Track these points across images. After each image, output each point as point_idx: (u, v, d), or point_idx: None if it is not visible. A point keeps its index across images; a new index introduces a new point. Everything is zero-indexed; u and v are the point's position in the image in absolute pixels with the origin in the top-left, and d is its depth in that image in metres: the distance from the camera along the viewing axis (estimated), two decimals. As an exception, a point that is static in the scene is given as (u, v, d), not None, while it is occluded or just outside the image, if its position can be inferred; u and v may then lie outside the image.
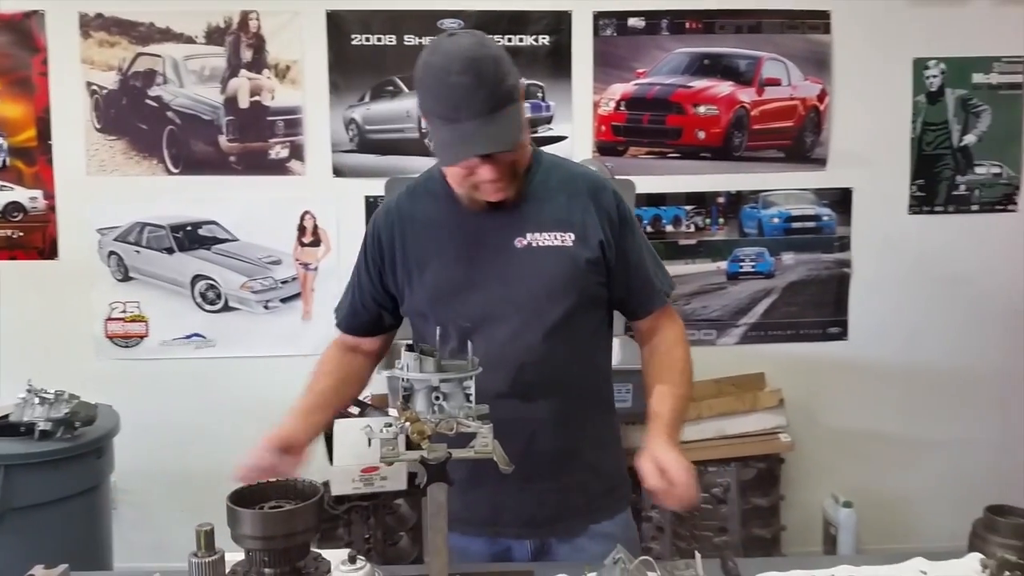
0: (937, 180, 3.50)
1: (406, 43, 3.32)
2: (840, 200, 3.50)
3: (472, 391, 1.35)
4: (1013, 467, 3.53)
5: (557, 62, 3.35)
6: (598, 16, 3.35)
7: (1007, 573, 1.43)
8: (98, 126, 3.28)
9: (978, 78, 3.46)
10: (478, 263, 1.61)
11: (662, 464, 1.49)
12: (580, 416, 1.66)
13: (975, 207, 3.52)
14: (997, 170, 3.51)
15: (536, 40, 3.34)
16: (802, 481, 3.47)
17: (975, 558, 1.50)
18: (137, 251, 3.31)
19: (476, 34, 1.51)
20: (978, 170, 3.50)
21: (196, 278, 3.34)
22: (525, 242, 1.60)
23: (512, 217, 1.61)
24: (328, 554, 1.41)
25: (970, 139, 3.49)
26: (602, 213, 1.64)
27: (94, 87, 3.27)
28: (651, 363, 1.72)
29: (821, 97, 3.44)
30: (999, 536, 1.52)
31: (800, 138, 3.45)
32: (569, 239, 1.61)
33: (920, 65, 3.45)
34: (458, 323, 1.59)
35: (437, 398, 1.35)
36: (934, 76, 3.45)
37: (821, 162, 3.47)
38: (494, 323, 1.59)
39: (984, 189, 3.51)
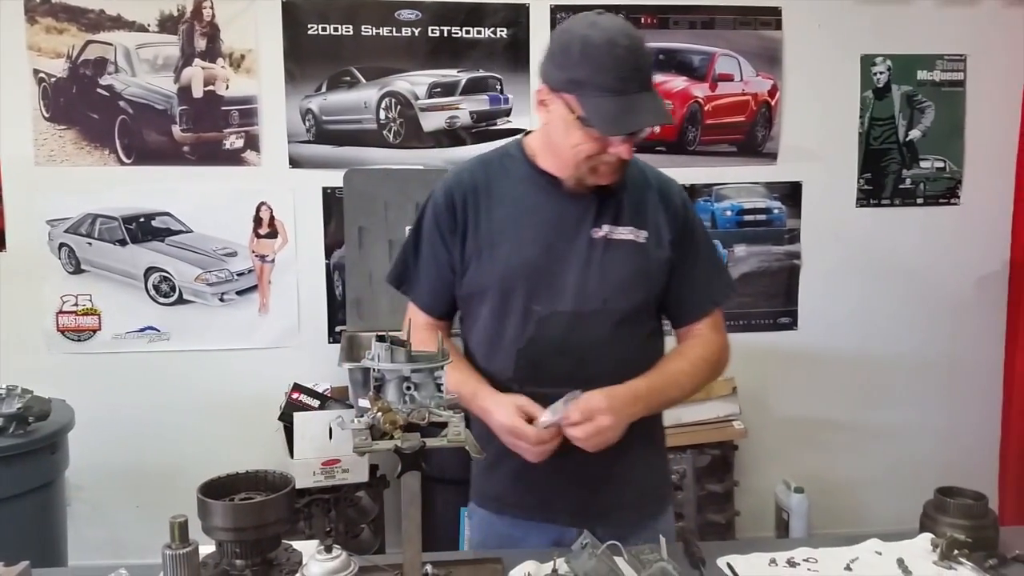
0: (884, 174, 3.60)
1: (363, 33, 3.30)
2: (790, 193, 3.57)
3: (443, 380, 1.37)
4: (959, 451, 3.65)
5: (515, 55, 3.37)
6: (555, 9, 3.37)
7: (956, 551, 1.50)
8: (46, 115, 3.20)
9: (923, 75, 3.56)
10: (554, 249, 1.61)
11: (589, 407, 1.49)
12: None
13: (920, 200, 3.63)
14: (941, 165, 3.62)
15: (494, 33, 3.35)
16: (755, 467, 3.55)
17: (926, 538, 1.57)
18: (89, 243, 3.24)
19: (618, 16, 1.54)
20: (923, 164, 3.61)
21: (150, 270, 3.28)
22: (601, 234, 1.61)
23: (591, 207, 1.62)
24: (300, 545, 1.41)
25: (915, 134, 3.59)
26: (671, 213, 1.66)
27: (42, 75, 3.18)
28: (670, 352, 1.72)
29: (772, 92, 3.51)
30: (949, 516, 1.58)
31: (752, 133, 3.52)
32: (642, 236, 1.63)
33: (868, 62, 3.54)
34: (527, 305, 1.60)
35: (408, 388, 1.36)
36: (881, 72, 3.54)
37: (772, 156, 3.54)
38: (562, 310, 1.60)
39: (929, 183, 3.62)
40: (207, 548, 1.34)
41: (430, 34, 3.32)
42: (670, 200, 1.67)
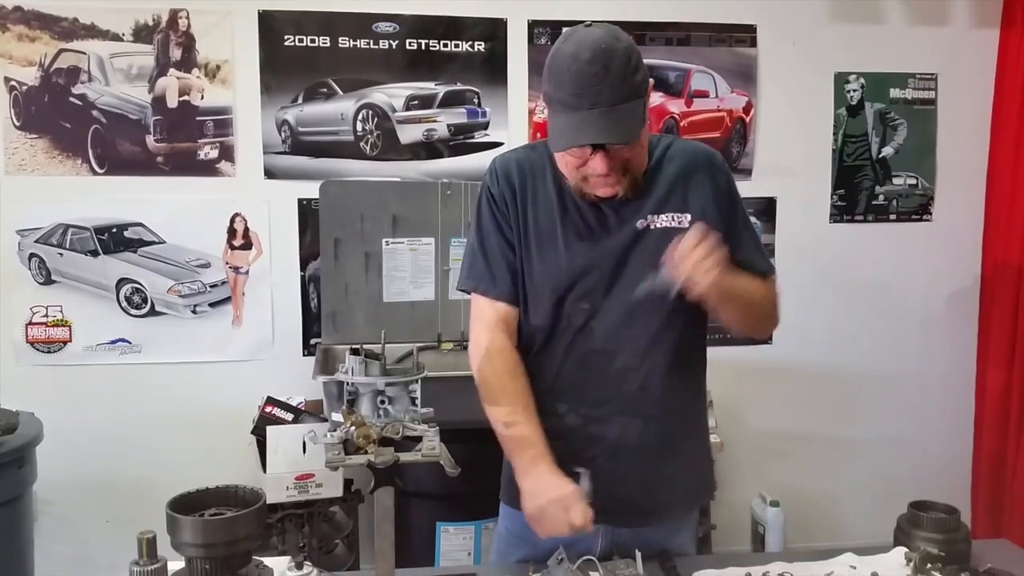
0: (857, 190, 3.63)
1: (340, 45, 3.29)
2: (765, 209, 3.60)
3: (418, 394, 1.36)
4: (932, 465, 3.68)
5: (493, 69, 3.37)
6: (533, 24, 3.38)
7: (930, 565, 1.50)
8: (17, 123, 3.15)
9: (895, 93, 3.61)
10: (600, 247, 1.58)
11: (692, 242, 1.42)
12: (685, 406, 1.66)
13: (893, 216, 3.67)
14: (913, 181, 3.66)
15: (472, 46, 3.35)
16: (731, 481, 3.54)
17: (900, 552, 1.57)
18: (60, 253, 3.20)
19: (610, 27, 1.50)
20: (895, 181, 3.65)
21: (121, 281, 3.24)
22: (645, 223, 1.58)
23: (631, 201, 1.58)
24: (272, 561, 1.39)
25: (888, 151, 3.63)
26: (715, 187, 1.62)
27: (13, 83, 3.14)
28: None
29: (747, 109, 3.54)
30: (922, 530, 1.59)
31: (727, 149, 3.53)
32: (685, 221, 1.58)
33: (841, 79, 3.57)
34: (578, 305, 1.58)
35: (383, 402, 1.35)
36: (854, 90, 3.58)
37: (747, 172, 3.56)
38: (613, 306, 1.58)
39: (901, 199, 3.66)
40: (177, 564, 1.32)
41: (408, 47, 3.32)
42: (714, 175, 1.63)
